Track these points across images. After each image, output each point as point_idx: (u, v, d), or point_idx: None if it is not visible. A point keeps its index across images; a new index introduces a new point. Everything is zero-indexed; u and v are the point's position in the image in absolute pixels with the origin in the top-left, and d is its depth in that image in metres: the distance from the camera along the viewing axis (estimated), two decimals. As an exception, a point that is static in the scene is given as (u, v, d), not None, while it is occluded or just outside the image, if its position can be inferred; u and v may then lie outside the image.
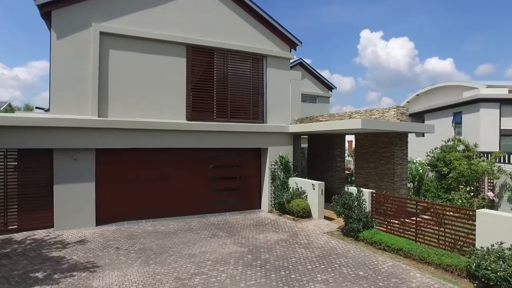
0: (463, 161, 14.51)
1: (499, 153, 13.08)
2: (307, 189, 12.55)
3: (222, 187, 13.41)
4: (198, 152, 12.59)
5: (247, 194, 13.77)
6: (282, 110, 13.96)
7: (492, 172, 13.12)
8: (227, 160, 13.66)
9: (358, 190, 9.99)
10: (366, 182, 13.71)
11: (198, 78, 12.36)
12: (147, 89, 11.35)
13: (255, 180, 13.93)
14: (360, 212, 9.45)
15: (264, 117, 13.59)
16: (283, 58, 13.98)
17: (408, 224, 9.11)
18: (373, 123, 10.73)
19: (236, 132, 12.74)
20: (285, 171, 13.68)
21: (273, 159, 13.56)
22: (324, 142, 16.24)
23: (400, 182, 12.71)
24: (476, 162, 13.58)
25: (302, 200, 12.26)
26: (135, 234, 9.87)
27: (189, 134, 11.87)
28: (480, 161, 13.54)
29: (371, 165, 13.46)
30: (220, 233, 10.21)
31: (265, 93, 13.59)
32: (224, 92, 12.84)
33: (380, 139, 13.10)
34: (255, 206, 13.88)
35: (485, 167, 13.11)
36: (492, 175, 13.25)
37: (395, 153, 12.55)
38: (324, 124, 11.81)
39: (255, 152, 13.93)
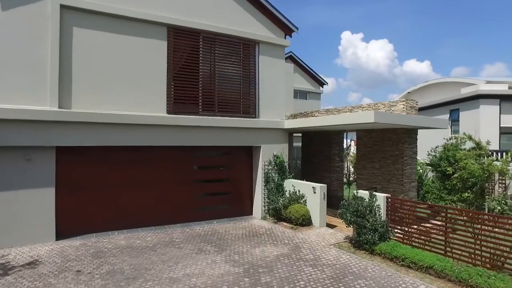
0: (471, 161, 13.32)
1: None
2: (306, 192, 11.02)
3: (209, 191, 11.72)
4: (181, 151, 10.86)
5: (237, 198, 12.12)
6: (277, 104, 12.40)
7: (507, 172, 11.95)
8: (215, 161, 11.98)
9: (371, 195, 8.52)
10: (370, 184, 12.30)
11: (181, 65, 10.63)
12: (121, 76, 9.55)
13: (246, 183, 12.30)
14: (375, 221, 7.98)
15: (257, 111, 11.98)
16: (278, 45, 12.41)
17: (432, 234, 7.69)
18: (388, 117, 9.31)
19: (224, 128, 11.08)
20: (280, 173, 12.12)
21: (267, 159, 11.97)
22: (320, 140, 14.78)
23: (409, 184, 11.36)
24: (490, 161, 12.39)
25: (301, 206, 10.72)
26: (103, 250, 8.06)
27: (170, 130, 10.13)
28: (494, 160, 12.35)
29: (376, 165, 12.06)
30: (208, 247, 8.53)
31: (258, 84, 11.99)
32: (211, 82, 11.17)
33: (386, 136, 11.72)
34: (247, 213, 12.25)
35: (500, 167, 11.93)
36: (507, 175, 12.08)
37: (404, 152, 11.18)
38: (329, 118, 10.29)
39: (246, 151, 12.30)
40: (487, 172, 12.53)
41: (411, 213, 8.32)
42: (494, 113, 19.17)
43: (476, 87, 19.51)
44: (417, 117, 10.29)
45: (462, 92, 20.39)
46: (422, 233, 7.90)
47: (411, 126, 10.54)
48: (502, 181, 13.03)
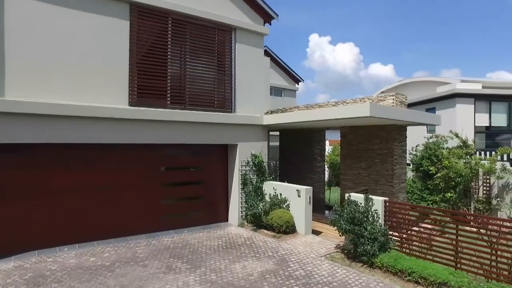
0: (453, 159, 12.80)
1: (506, 149, 11.53)
2: (289, 196, 9.87)
3: (179, 195, 10.26)
4: (146, 150, 9.36)
5: (212, 203, 10.76)
6: (255, 97, 11.17)
7: (495, 171, 11.46)
8: (185, 161, 10.54)
9: (367, 198, 7.48)
10: (356, 186, 11.37)
11: (147, 51, 9.13)
12: (72, 59, 7.91)
13: (221, 186, 10.97)
14: (374, 229, 6.94)
15: (233, 105, 10.69)
16: (256, 33, 11.18)
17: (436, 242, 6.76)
18: (386, 111, 8.34)
19: (196, 123, 9.70)
20: (259, 174, 10.89)
21: (244, 159, 10.71)
22: (300, 138, 13.74)
23: (399, 185, 10.51)
24: (478, 159, 11.87)
25: (284, 211, 9.55)
26: (45, 274, 6.44)
27: (132, 125, 8.60)
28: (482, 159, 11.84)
29: (363, 164, 11.14)
30: (179, 263, 7.13)
31: (234, 75, 10.70)
32: (181, 71, 9.74)
33: (374, 133, 10.82)
34: (222, 219, 10.91)
35: (489, 166, 11.41)
36: (494, 174, 11.59)
37: (394, 150, 10.31)
38: (319, 112, 9.15)
39: (221, 150, 10.97)
40: (474, 171, 12.02)
41: (411, 218, 7.38)
42: (470, 112, 19.06)
43: (453, 86, 19.34)
44: (415, 112, 9.52)
45: (438, 91, 20.18)
46: (423, 241, 6.96)
47: (408, 123, 9.68)
48: (486, 180, 12.58)
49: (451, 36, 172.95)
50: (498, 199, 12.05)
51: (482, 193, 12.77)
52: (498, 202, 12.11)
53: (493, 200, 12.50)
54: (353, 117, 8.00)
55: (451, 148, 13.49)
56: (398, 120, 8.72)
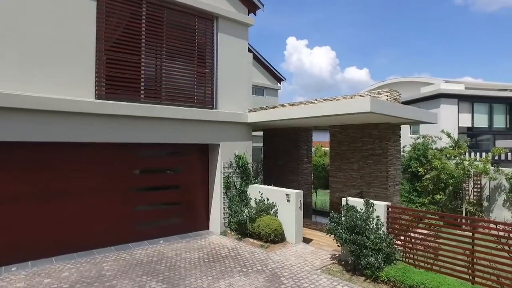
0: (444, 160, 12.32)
1: (499, 150, 11.12)
2: (277, 201, 8.96)
3: (154, 201, 9.13)
4: (116, 151, 8.22)
5: (191, 210, 9.69)
6: (238, 93, 10.21)
7: (488, 172, 11.02)
8: (161, 162, 9.44)
9: (367, 203, 6.68)
10: (347, 189, 10.62)
11: (118, 37, 7.99)
12: (27, 43, 6.68)
13: (201, 190, 9.92)
14: (379, 238, 6.12)
15: (214, 101, 9.69)
16: (240, 23, 10.24)
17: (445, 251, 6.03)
18: (388, 106, 7.60)
19: (174, 120, 8.64)
20: (243, 176, 9.94)
21: (227, 160, 9.72)
22: (286, 138, 12.90)
23: (393, 187, 9.84)
24: (471, 160, 11.41)
25: (272, 218, 8.63)
26: (-15, 301, 5.22)
27: (99, 121, 7.45)
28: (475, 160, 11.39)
29: (355, 166, 10.40)
30: (153, 283, 6.05)
31: (216, 68, 9.71)
32: (158, 62, 8.66)
33: (366, 132, 10.12)
34: (202, 227, 9.86)
35: (483, 167, 10.94)
36: (487, 175, 11.15)
37: (388, 150, 9.63)
38: (313, 108, 8.26)
39: (202, 150, 9.94)
40: (468, 172, 11.55)
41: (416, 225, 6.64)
42: (453, 113, 18.91)
43: (437, 86, 19.13)
44: (416, 109, 8.88)
45: (422, 92, 19.94)
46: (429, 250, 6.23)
47: (407, 120, 9.00)
48: (477, 181, 12.18)
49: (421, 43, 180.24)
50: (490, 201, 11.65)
51: (473, 194, 12.36)
52: (490, 204, 11.70)
53: (484, 202, 12.10)
54: (351, 113, 7.19)
55: (443, 148, 13.01)
56: (399, 117, 8.01)
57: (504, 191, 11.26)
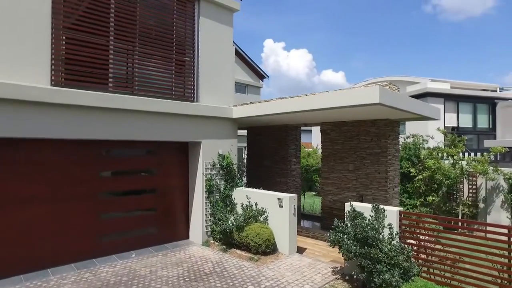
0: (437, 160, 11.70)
1: (499, 148, 10.54)
2: (267, 206, 7.92)
3: (125, 208, 7.85)
4: (78, 148, 6.93)
5: (168, 217, 8.49)
6: (222, 85, 9.11)
7: (487, 172, 10.42)
8: (133, 163, 8.17)
9: (376, 209, 5.74)
10: (341, 192, 9.72)
11: (81, 14, 6.71)
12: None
13: (180, 195, 8.73)
14: (394, 251, 5.18)
15: (195, 93, 8.54)
16: (224, 7, 9.14)
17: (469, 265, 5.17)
18: (397, 98, 6.72)
19: (148, 114, 7.43)
20: (227, 179, 8.84)
21: (209, 160, 8.59)
22: (273, 137, 11.88)
23: (393, 189, 9.01)
24: (470, 160, 10.79)
25: (263, 226, 7.57)
26: None
27: (55, 112, 6.15)
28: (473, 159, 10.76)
29: (350, 166, 9.51)
30: (120, 312, 4.85)
31: (197, 56, 8.57)
32: (129, 46, 7.41)
33: (363, 130, 9.26)
34: (181, 236, 8.68)
35: (482, 167, 10.31)
36: (487, 175, 10.55)
37: (387, 149, 8.80)
38: (309, 101, 7.23)
39: (181, 149, 8.77)
40: (466, 172, 10.93)
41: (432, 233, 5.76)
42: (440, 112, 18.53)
43: (424, 85, 18.71)
44: (422, 104, 8.08)
45: (408, 90, 19.49)
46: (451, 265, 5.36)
47: (413, 116, 8.13)
48: (473, 182, 11.61)
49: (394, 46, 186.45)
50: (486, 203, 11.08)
51: (468, 195, 11.79)
52: (487, 206, 11.14)
53: (480, 204, 11.55)
54: (357, 104, 6.24)
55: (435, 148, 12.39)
56: (406, 111, 7.14)
57: (502, 192, 10.70)
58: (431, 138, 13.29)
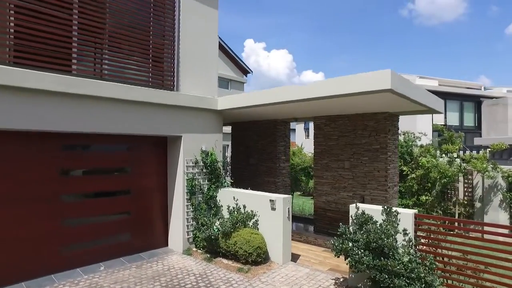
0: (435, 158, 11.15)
1: (500, 145, 10.02)
2: (257, 209, 7.00)
3: (92, 212, 6.73)
4: (36, 142, 5.79)
5: (144, 222, 7.42)
6: (205, 73, 8.12)
7: (486, 170, 9.88)
8: (105, 160, 7.05)
9: (388, 211, 4.93)
10: (335, 191, 8.92)
11: (34, -19, 5.58)
12: None
13: (158, 196, 7.69)
14: (414, 262, 4.36)
15: (175, 81, 7.51)
16: (208, -14, 8.18)
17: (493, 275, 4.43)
18: (409, 86, 6.02)
19: (120, 103, 6.37)
20: (211, 178, 7.86)
21: (191, 157, 7.59)
22: (259, 133, 10.98)
23: (393, 188, 8.28)
24: (469, 157, 10.22)
25: (253, 232, 6.64)
26: None
27: (2, 97, 5.01)
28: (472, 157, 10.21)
29: (345, 164, 8.72)
30: None
31: (177, 40, 7.55)
32: (97, 24, 6.31)
33: (360, 124, 8.48)
34: (159, 243, 7.63)
35: (482, 165, 9.75)
36: (487, 173, 10.01)
37: (387, 145, 8.06)
38: (309, 89, 6.32)
39: (159, 145, 7.73)
40: (464, 170, 10.38)
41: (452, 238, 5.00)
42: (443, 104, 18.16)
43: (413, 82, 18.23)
44: (432, 95, 7.39)
45: (396, 87, 19.01)
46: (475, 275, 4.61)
47: (420, 108, 7.40)
48: (468, 181, 11.10)
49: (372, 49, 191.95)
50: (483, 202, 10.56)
51: (463, 195, 11.27)
52: (484, 205, 10.63)
53: (476, 203, 11.04)
54: (365, 91, 5.41)
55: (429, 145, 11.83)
56: (416, 101, 6.39)
57: (500, 191, 10.20)
58: (424, 135, 12.74)
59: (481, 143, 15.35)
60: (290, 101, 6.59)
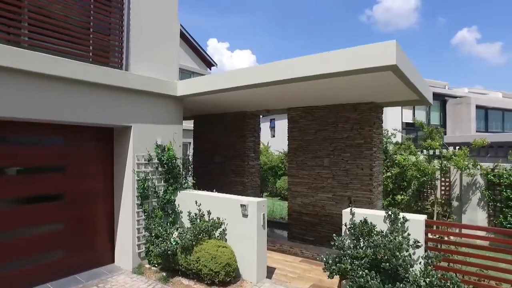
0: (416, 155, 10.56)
1: (480, 141, 9.50)
2: (225, 215, 5.75)
3: (13, 224, 5.13)
4: None
5: (82, 234, 5.90)
6: (163, 51, 6.74)
7: (467, 168, 9.33)
8: (30, 156, 5.43)
9: (393, 218, 3.90)
10: (313, 193, 7.89)
11: None
12: None
13: (101, 201, 6.20)
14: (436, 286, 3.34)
15: (123, 58, 6.07)
16: None
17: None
18: (410, 66, 5.00)
19: (49, 80, 4.86)
20: (169, 179, 6.50)
21: (144, 153, 6.19)
22: (226, 127, 9.73)
23: (377, 188, 7.38)
24: (449, 154, 9.62)
25: (220, 244, 5.38)
26: None
27: None
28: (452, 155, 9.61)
29: (325, 161, 7.70)
30: None
31: (128, 8, 6.10)
32: (13, -27, 4.76)
33: (342, 116, 7.50)
34: (102, 260, 6.14)
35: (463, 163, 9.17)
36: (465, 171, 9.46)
37: (372, 139, 7.14)
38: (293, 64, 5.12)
39: (103, 137, 6.24)
40: (445, 168, 9.79)
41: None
42: (397, 108, 17.87)
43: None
44: (425, 83, 6.42)
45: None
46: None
47: (410, 97, 6.41)
48: (445, 179, 10.58)
49: None
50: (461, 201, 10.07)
51: (440, 193, 10.74)
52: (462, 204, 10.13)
53: (453, 202, 10.55)
54: (365, 67, 4.32)
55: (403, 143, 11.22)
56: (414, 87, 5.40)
57: (479, 189, 9.72)
58: (399, 132, 12.18)
59: (447, 141, 15.21)
60: (266, 83, 5.39)
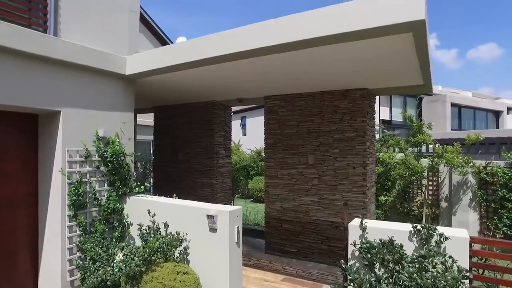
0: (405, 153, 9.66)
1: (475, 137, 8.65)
2: (188, 229, 4.35)
3: None
4: None
5: (-14, 259, 4.31)
6: (110, 17, 5.24)
7: (459, 165, 8.48)
8: None
9: (426, 235, 2.70)
10: (295, 196, 6.66)
11: None
12: None
13: (20, 212, 4.60)
14: None
15: (51, 19, 4.53)
16: None
17: None
18: None
19: None
20: (114, 181, 4.99)
21: (78, 147, 4.67)
22: (192, 119, 8.30)
23: (370, 189, 6.27)
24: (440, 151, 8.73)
25: (180, 269, 3.97)
26: None
27: None
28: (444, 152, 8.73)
29: (309, 158, 6.49)
30: None
31: (56, -46, 4.58)
32: None
33: (329, 105, 6.33)
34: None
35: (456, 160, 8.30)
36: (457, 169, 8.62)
37: (366, 132, 6.02)
38: (285, 23, 3.96)
39: (22, 126, 4.66)
40: (436, 166, 8.92)
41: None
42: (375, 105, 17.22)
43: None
44: None
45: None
46: None
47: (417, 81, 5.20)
48: (434, 178, 9.76)
49: None
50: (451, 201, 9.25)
51: (428, 194, 9.90)
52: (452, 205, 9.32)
53: (442, 203, 9.73)
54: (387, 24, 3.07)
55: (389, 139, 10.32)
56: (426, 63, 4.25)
57: (470, 189, 8.94)
58: (382, 128, 11.29)
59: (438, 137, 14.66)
60: (248, 50, 4.03)
